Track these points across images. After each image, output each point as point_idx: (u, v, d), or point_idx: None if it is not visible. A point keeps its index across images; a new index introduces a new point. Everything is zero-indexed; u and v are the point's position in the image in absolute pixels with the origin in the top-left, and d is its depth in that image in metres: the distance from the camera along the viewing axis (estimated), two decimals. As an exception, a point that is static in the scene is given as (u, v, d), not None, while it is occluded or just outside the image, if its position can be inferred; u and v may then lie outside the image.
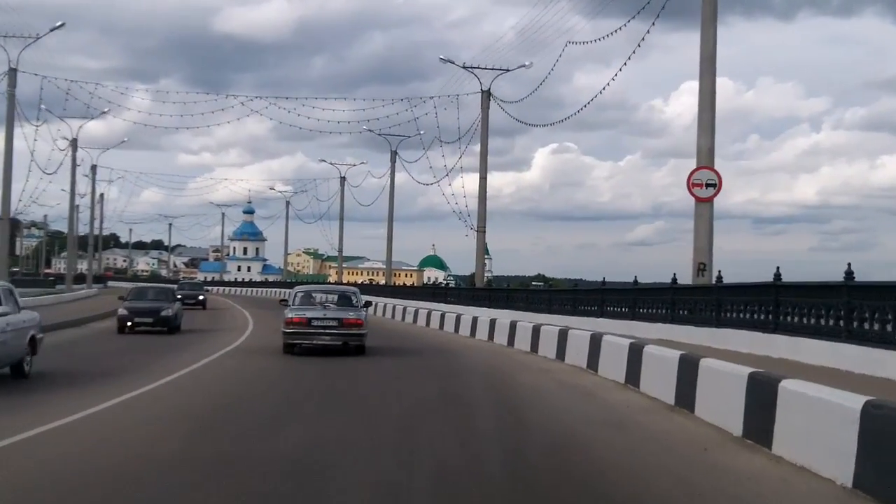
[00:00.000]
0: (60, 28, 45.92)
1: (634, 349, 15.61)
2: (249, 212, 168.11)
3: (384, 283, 65.42)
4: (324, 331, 20.92)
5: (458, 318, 32.46)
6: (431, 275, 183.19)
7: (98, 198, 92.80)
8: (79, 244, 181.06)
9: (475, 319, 30.38)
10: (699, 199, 23.33)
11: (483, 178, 43.45)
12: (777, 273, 17.73)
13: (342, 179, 74.06)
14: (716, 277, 21.41)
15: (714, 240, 23.03)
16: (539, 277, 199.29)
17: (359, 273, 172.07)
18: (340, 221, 74.27)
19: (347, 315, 21.32)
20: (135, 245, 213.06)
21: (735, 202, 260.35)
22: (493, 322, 28.14)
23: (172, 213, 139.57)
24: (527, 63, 43.87)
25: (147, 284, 49.31)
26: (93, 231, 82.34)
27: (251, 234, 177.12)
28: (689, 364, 12.64)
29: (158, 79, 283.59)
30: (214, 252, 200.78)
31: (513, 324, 26.04)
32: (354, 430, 11.02)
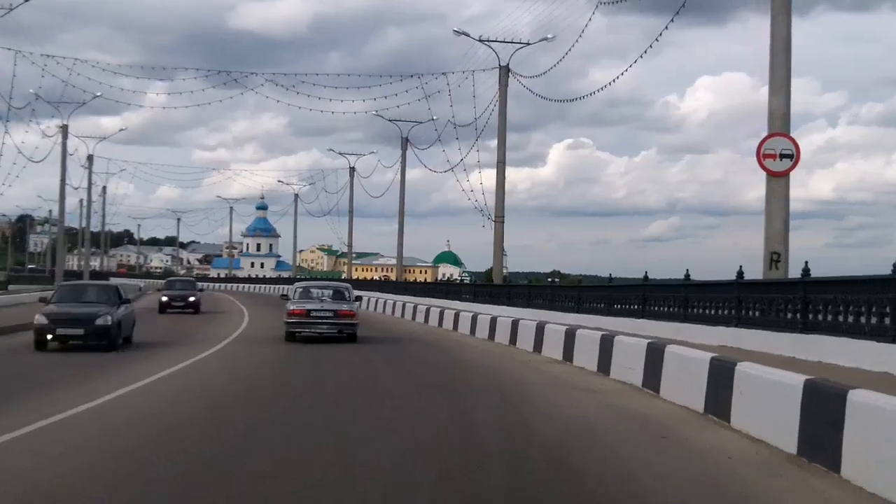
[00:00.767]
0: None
1: (721, 367, 10.94)
2: (262, 207, 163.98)
3: (399, 280, 60.74)
4: (321, 321, 23.16)
5: (475, 319, 27.90)
6: (446, 271, 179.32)
7: (101, 191, 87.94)
8: (108, 242, 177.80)
9: (494, 320, 25.81)
10: (772, 174, 18.66)
11: (501, 163, 38.83)
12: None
13: (351, 170, 69.59)
14: (802, 270, 16.47)
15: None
16: (554, 274, 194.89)
17: (372, 270, 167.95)
18: (350, 214, 69.79)
19: (342, 307, 23.51)
20: (149, 241, 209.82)
21: (750, 198, 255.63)
22: (516, 324, 23.53)
23: (188, 210, 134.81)
24: (549, 36, 38.94)
25: (82, 281, 41.19)
26: (84, 224, 77.84)
27: (264, 231, 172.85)
28: (831, 397, 8.13)
29: (174, 75, 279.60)
30: (229, 248, 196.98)
31: (540, 326, 21.39)
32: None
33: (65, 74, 44.82)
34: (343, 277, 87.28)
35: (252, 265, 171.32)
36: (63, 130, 49.46)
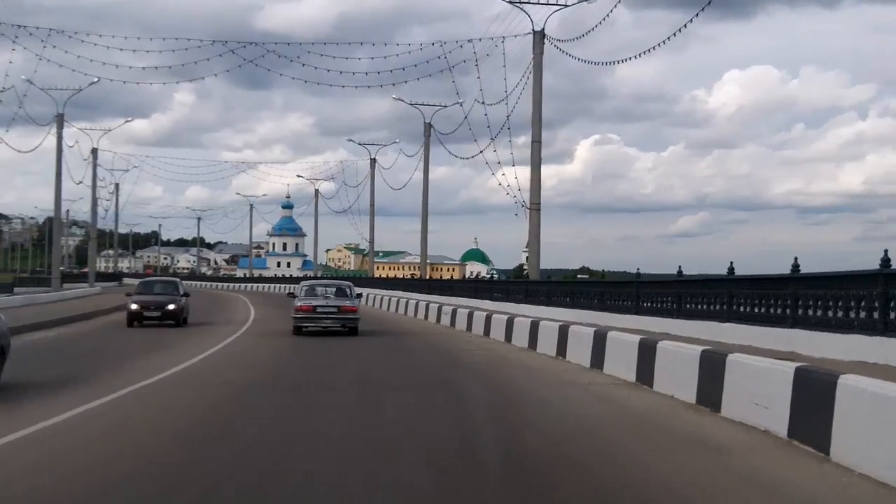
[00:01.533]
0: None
1: None
2: (288, 206, 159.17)
3: (424, 278, 55.40)
4: (326, 316, 24.59)
5: (511, 323, 22.58)
6: (474, 269, 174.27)
7: (112, 189, 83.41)
8: (113, 241, 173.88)
9: (535, 325, 20.45)
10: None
11: (536, 142, 33.49)
12: None
13: (373, 161, 64.45)
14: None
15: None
16: (583, 270, 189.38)
17: (399, 268, 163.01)
18: (371, 207, 64.50)
19: (344, 303, 24.98)
20: (176, 242, 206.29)
21: (778, 192, 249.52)
22: (565, 331, 18.14)
23: (208, 209, 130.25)
24: (588, -1, 33.36)
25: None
26: (94, 222, 73.13)
27: (290, 230, 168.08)
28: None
29: (202, 77, 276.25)
30: (255, 248, 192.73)
31: (599, 336, 16.04)
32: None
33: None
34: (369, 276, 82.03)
35: (279, 265, 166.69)
36: (58, 120, 44.71)
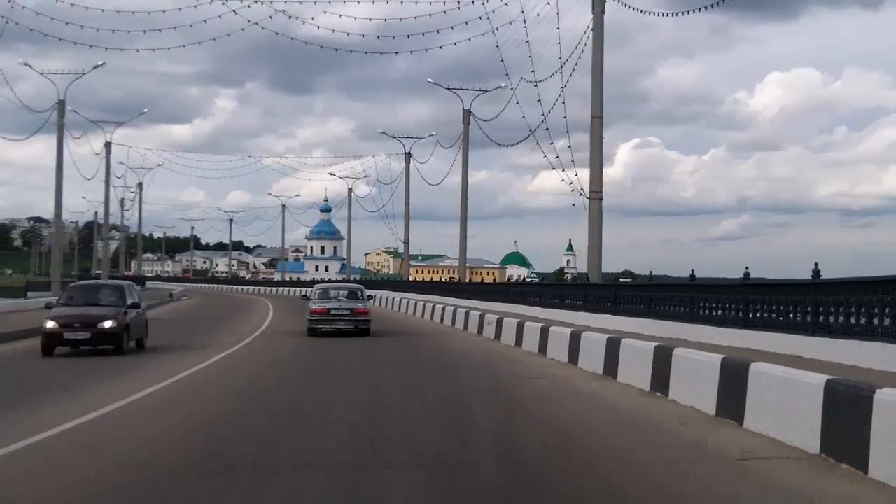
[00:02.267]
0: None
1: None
2: (326, 210, 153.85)
3: (463, 281, 49.43)
4: (340, 318, 24.92)
5: (577, 340, 16.56)
6: (514, 272, 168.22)
7: (135, 187, 78.46)
8: (152, 246, 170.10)
9: (614, 344, 14.49)
10: None
11: (597, 118, 27.42)
12: None
13: (407, 155, 58.61)
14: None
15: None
16: (626, 274, 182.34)
17: (438, 272, 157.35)
18: (406, 204, 58.56)
19: (357, 306, 25.34)
20: (215, 246, 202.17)
21: (821, 195, 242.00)
22: (666, 357, 12.28)
23: (248, 213, 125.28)
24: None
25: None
26: (107, 222, 67.98)
27: (328, 233, 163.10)
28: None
29: (243, 83, 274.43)
30: (294, 252, 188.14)
31: (733, 368, 10.30)
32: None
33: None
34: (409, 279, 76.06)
35: (317, 268, 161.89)
36: (59, 107, 39.49)
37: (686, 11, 25.19)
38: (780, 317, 15.75)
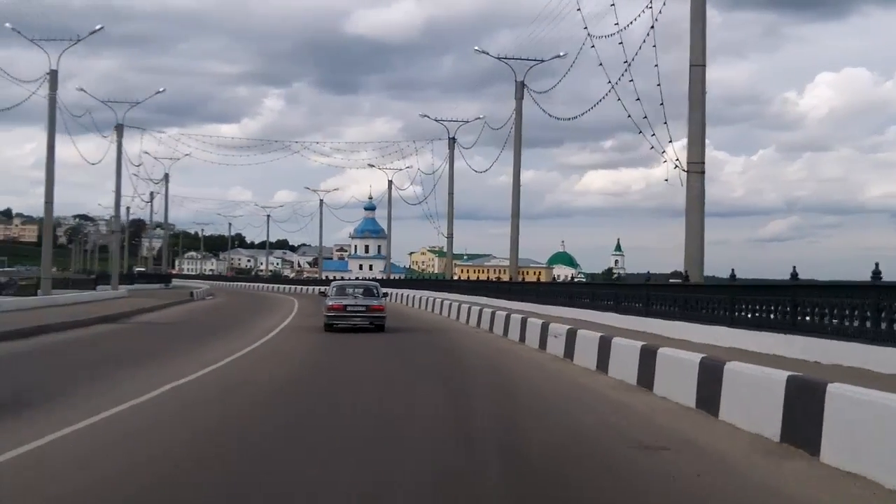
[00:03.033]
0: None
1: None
2: (370, 208, 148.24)
3: (510, 281, 42.42)
4: (355, 314, 24.64)
5: (719, 376, 10.03)
6: (560, 272, 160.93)
7: (162, 177, 72.64)
8: (197, 244, 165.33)
9: (805, 388, 8.40)
10: None
11: (698, 66, 20.34)
12: None
13: (451, 140, 51.83)
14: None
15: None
16: (675, 274, 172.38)
17: (484, 271, 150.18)
18: (450, 188, 51.64)
19: (372, 302, 25.11)
20: (260, 245, 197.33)
21: (872, 196, 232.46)
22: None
23: (285, 210, 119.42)
24: None
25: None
26: (118, 215, 61.68)
27: (372, 231, 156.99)
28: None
29: (290, 82, 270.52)
30: (339, 251, 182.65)
31: None
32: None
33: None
34: (456, 278, 69.16)
35: (360, 267, 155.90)
36: (51, 77, 33.49)
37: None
38: None
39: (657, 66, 21.63)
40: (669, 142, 21.62)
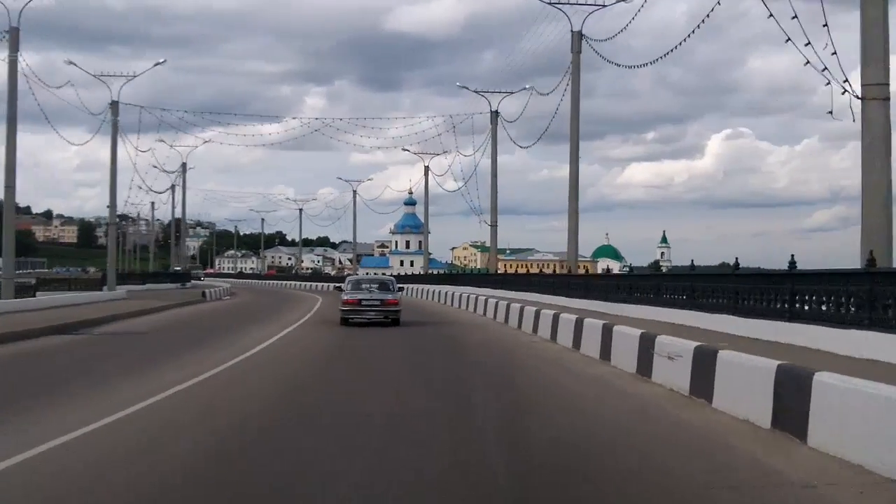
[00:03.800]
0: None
1: None
2: (411, 203, 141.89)
3: (568, 273, 34.95)
4: (370, 308, 24.61)
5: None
6: (605, 265, 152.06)
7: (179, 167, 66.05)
8: (239, 242, 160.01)
9: None
10: None
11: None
12: None
13: (494, 114, 44.46)
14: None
15: None
16: (724, 266, 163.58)
17: (527, 265, 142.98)
18: (493, 165, 44.46)
19: (387, 297, 24.97)
20: (301, 242, 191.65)
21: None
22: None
23: (310, 199, 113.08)
24: None
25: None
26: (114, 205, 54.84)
27: (413, 227, 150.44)
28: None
29: (332, 80, 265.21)
30: (379, 248, 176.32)
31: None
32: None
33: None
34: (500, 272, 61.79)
35: (401, 263, 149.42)
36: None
37: None
38: None
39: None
40: (833, 54, 14.06)
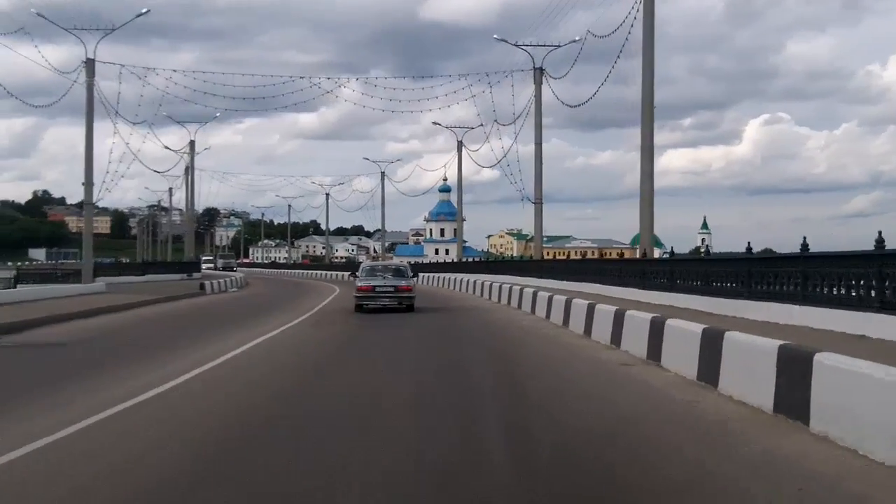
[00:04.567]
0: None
1: None
2: (446, 190, 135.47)
3: (643, 257, 27.56)
4: (384, 294, 24.37)
5: None
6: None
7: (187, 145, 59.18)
8: (274, 232, 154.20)
9: None
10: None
11: None
12: None
13: (538, 71, 37.24)
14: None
15: None
16: (767, 252, 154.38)
17: (564, 253, 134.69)
18: (537, 131, 36.96)
19: (401, 283, 24.78)
20: (335, 231, 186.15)
21: None
22: None
23: (338, 183, 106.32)
24: None
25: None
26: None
27: (448, 214, 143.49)
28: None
29: (368, 70, 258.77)
30: (414, 236, 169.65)
31: None
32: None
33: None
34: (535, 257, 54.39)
35: (436, 252, 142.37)
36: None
37: None
38: None
39: None
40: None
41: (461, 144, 57.32)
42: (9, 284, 30.24)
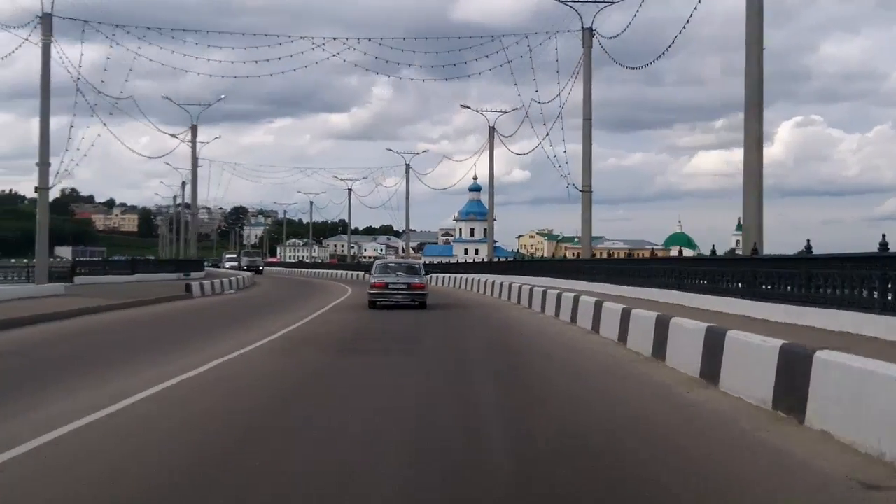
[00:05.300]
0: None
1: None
2: (475, 189, 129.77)
3: (740, 256, 20.50)
4: (397, 292, 24.22)
5: None
6: (677, 254, 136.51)
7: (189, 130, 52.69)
8: (302, 231, 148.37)
9: None
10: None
11: None
12: None
13: (588, 31, 30.93)
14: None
15: None
16: (801, 255, 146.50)
17: (599, 253, 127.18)
18: (587, 91, 30.15)
19: (414, 280, 24.61)
20: (364, 231, 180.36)
21: None
22: None
23: (360, 178, 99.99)
24: None
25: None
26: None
27: (478, 214, 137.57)
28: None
29: (400, 70, 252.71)
30: (444, 235, 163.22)
31: None
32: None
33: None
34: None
35: (465, 252, 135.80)
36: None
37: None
38: None
39: None
40: None
41: (493, 130, 50.61)
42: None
